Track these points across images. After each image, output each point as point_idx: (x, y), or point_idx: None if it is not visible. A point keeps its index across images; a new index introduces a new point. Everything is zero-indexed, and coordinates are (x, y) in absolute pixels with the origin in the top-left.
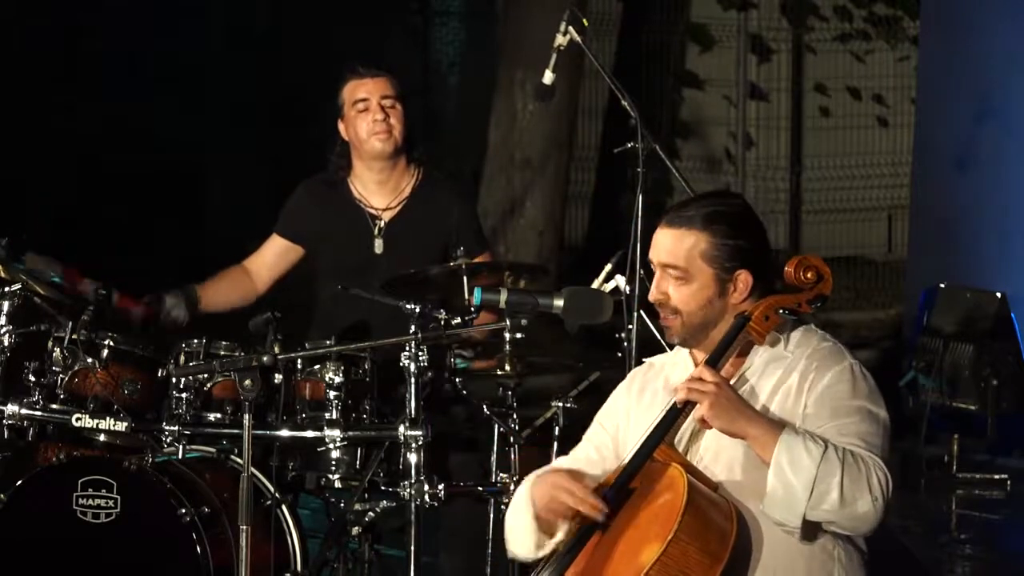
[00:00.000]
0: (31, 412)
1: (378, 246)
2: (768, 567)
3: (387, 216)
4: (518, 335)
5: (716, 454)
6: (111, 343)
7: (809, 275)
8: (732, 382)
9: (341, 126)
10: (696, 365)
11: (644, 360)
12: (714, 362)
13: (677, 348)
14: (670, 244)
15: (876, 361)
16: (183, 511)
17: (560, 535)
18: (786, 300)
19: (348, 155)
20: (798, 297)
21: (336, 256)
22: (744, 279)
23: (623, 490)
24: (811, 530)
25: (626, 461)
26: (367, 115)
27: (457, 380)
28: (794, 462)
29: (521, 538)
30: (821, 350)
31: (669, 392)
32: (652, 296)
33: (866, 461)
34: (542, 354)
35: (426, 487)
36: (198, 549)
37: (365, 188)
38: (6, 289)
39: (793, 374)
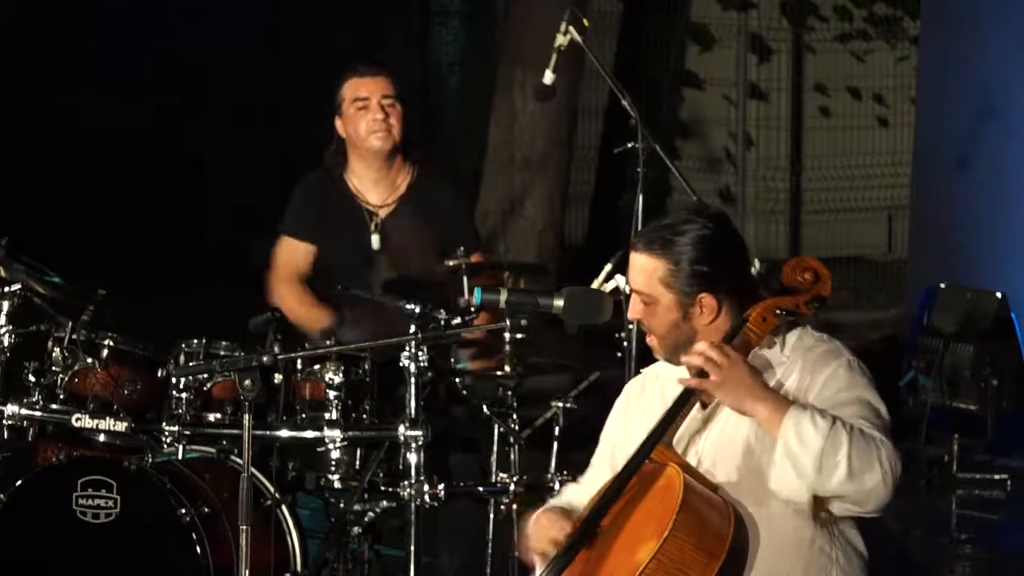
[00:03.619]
0: (31, 412)
1: (375, 242)
2: (766, 568)
3: (383, 212)
4: (518, 335)
5: (715, 456)
6: (111, 343)
7: (807, 276)
8: None
9: (339, 123)
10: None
11: (640, 371)
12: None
13: None
14: (635, 269)
15: (876, 361)
16: (183, 511)
17: None
18: (784, 302)
19: (344, 152)
20: (796, 299)
21: (334, 252)
22: (708, 303)
23: (620, 489)
24: (810, 529)
25: (626, 460)
26: (367, 113)
27: (457, 380)
28: (801, 436)
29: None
30: (817, 350)
31: (666, 399)
32: (630, 315)
33: (873, 437)
34: (542, 354)
35: (426, 487)
36: (198, 549)
37: (362, 184)
38: (6, 289)
39: (791, 376)
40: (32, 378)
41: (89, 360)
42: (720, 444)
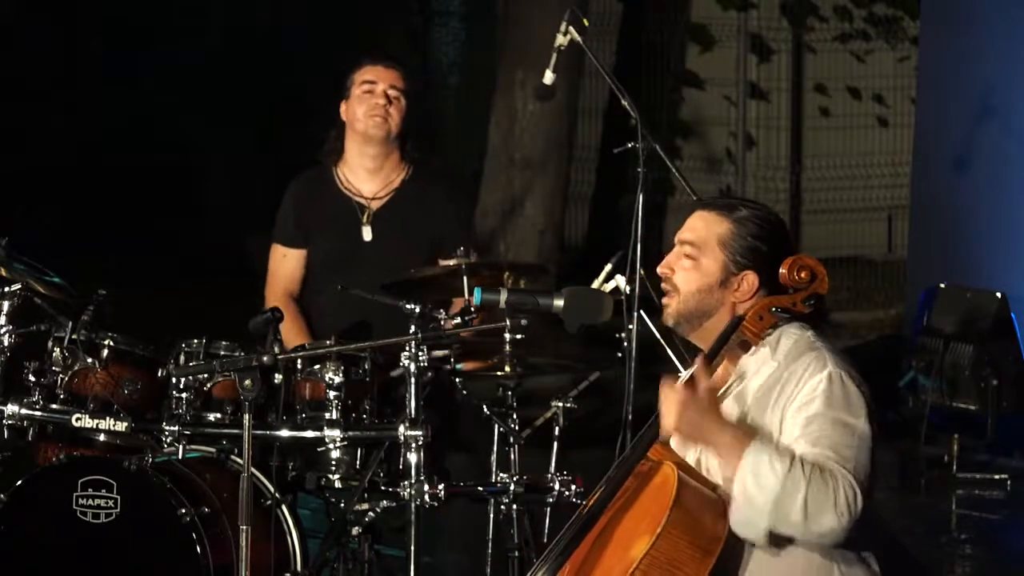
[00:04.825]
0: (31, 412)
1: (366, 233)
2: (763, 568)
3: (375, 205)
4: (518, 335)
5: (707, 462)
6: (111, 343)
7: (803, 275)
8: (727, 383)
9: (343, 107)
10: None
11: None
12: (709, 361)
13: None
14: (696, 222)
15: (876, 361)
16: (183, 511)
17: None
18: (781, 300)
19: (343, 138)
20: (793, 297)
21: (326, 246)
22: (750, 280)
23: (616, 487)
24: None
25: (626, 451)
26: (370, 97)
27: (457, 380)
28: (759, 478)
29: None
30: (804, 359)
31: None
32: (659, 268)
33: (835, 475)
34: (542, 354)
35: (426, 487)
36: (198, 549)
37: (355, 175)
38: (6, 289)
39: (773, 380)
40: (32, 378)
41: (89, 360)
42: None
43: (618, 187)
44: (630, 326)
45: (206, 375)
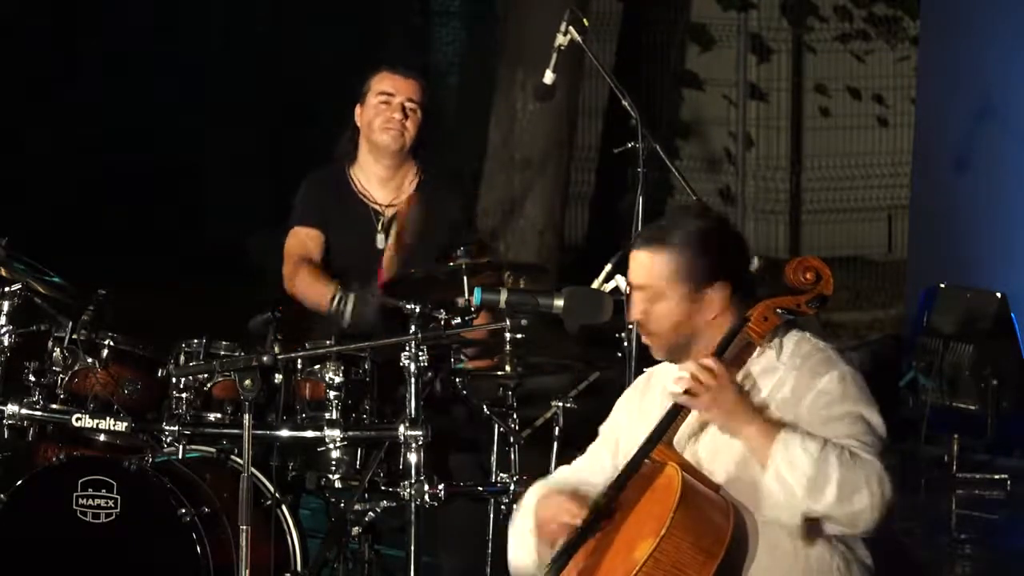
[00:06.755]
0: (31, 412)
1: (380, 240)
2: (764, 570)
3: (390, 212)
4: (518, 335)
5: (713, 455)
6: (111, 343)
7: (808, 276)
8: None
9: (358, 110)
10: None
11: (644, 370)
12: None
13: None
14: (640, 265)
15: (876, 361)
16: (183, 511)
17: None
18: (785, 301)
19: (356, 141)
20: (798, 299)
21: (339, 249)
22: (712, 297)
23: (620, 488)
24: (809, 537)
25: (626, 461)
26: (386, 109)
27: (457, 380)
28: (791, 460)
29: (522, 554)
30: (813, 359)
31: (667, 398)
32: (628, 318)
33: (863, 459)
34: (542, 354)
35: (426, 487)
36: (198, 549)
37: (368, 182)
38: (6, 289)
39: (786, 385)
40: (32, 378)
41: (89, 360)
42: (718, 441)
43: (618, 187)
44: (630, 326)
45: (206, 375)
